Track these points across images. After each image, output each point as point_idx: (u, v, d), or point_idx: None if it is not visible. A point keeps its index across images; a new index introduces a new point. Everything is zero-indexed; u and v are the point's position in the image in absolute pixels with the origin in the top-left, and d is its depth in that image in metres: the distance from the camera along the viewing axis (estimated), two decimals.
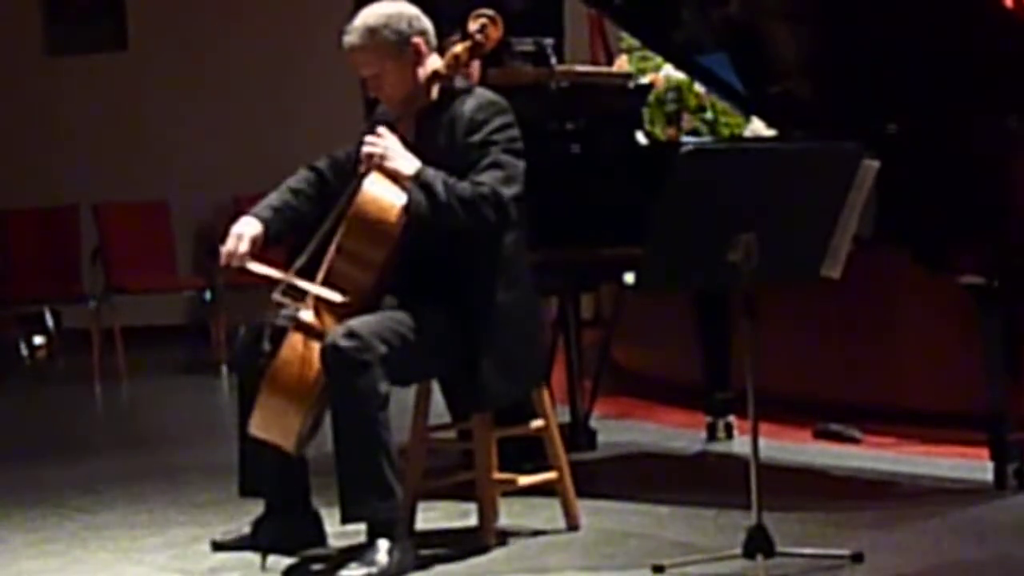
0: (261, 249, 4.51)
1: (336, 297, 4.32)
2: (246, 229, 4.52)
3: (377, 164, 4.42)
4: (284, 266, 4.42)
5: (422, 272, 4.47)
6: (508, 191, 4.40)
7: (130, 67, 10.87)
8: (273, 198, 4.63)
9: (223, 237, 4.54)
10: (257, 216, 4.56)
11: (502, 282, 4.49)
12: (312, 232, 4.49)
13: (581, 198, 5.36)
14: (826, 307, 6.27)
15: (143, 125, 10.81)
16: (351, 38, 4.51)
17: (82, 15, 11.08)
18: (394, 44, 4.49)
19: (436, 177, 4.36)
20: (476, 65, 5.35)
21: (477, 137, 4.45)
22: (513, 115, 4.52)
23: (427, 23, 4.55)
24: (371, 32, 4.49)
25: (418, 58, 4.51)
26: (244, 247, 4.49)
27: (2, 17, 10.89)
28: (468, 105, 4.51)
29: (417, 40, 4.51)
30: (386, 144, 4.44)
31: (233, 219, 4.59)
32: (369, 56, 4.50)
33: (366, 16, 4.52)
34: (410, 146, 4.48)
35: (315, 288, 4.35)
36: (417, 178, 4.37)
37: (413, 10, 4.55)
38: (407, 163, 4.41)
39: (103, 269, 9.53)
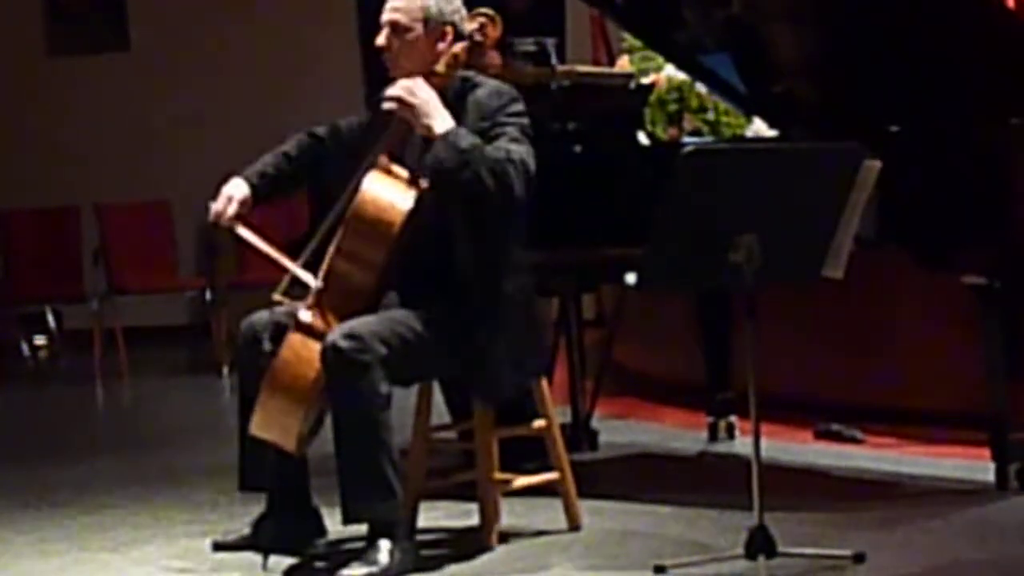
0: (249, 211, 4.61)
1: (311, 281, 4.34)
2: (235, 191, 4.61)
3: (409, 116, 4.39)
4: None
5: (426, 269, 4.47)
6: (532, 164, 4.41)
7: (132, 67, 10.87)
8: (266, 161, 4.71)
9: (214, 197, 4.62)
10: (247, 179, 4.64)
11: (506, 272, 4.49)
12: (313, 229, 4.50)
13: (583, 198, 5.36)
14: (828, 307, 6.26)
15: (144, 125, 10.81)
16: None
17: (84, 15, 11.08)
18: (432, 16, 4.50)
19: (467, 137, 4.34)
20: (494, 55, 5.35)
21: (491, 122, 4.44)
22: (523, 103, 4.52)
23: (463, 24, 4.54)
24: None
25: (441, 44, 4.51)
26: (233, 209, 4.58)
27: (4, 17, 10.90)
28: (480, 94, 4.50)
29: (448, 29, 4.51)
30: (424, 98, 4.41)
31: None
32: (404, 14, 4.50)
33: None
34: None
35: (292, 266, 4.39)
36: (447, 136, 4.35)
37: (459, 1, 4.58)
38: (440, 121, 4.37)
39: (104, 269, 9.53)
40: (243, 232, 4.56)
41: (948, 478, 5.18)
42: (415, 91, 4.40)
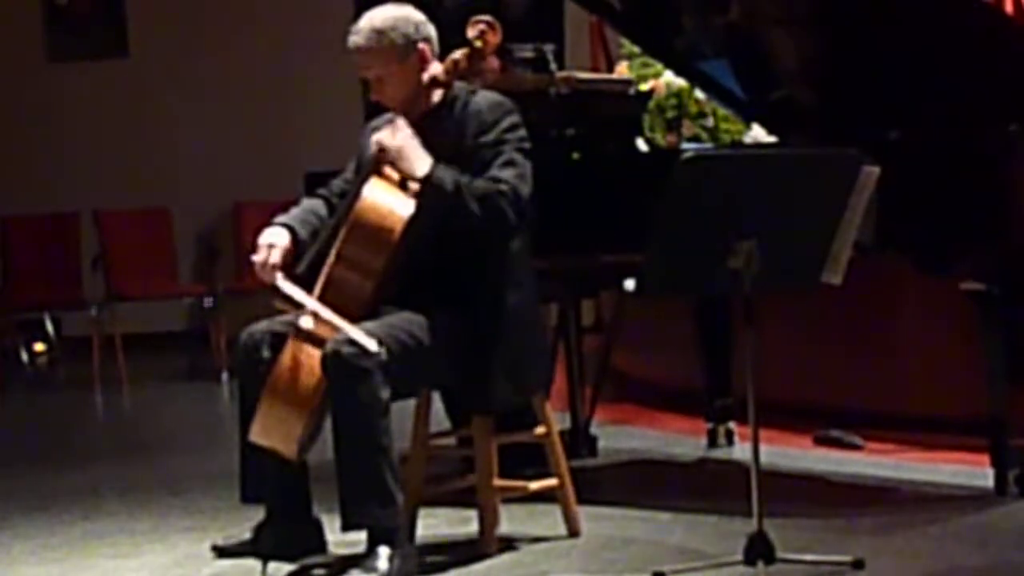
0: (289, 261, 4.42)
1: (372, 345, 4.20)
2: (277, 239, 4.45)
3: (389, 160, 4.41)
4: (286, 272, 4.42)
5: (430, 276, 4.46)
6: (526, 189, 4.40)
7: (131, 73, 10.88)
8: (295, 212, 4.57)
9: (253, 247, 4.44)
10: (285, 226, 4.49)
11: (510, 285, 4.49)
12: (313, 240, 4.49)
13: (582, 204, 5.36)
14: (827, 313, 6.27)
15: (144, 131, 10.81)
16: (357, 39, 4.50)
17: (83, 21, 11.08)
18: (400, 48, 4.48)
19: (449, 177, 4.34)
20: (493, 60, 5.35)
21: (489, 137, 4.44)
22: (520, 116, 4.52)
23: (432, 30, 4.54)
24: (378, 34, 4.48)
25: (422, 64, 4.51)
26: (276, 258, 4.41)
27: (3, 23, 10.90)
28: (476, 106, 4.50)
29: (423, 46, 4.50)
30: (401, 141, 4.40)
31: (234, 225, 4.58)
32: (374, 58, 4.49)
33: (372, 17, 4.51)
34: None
35: (348, 327, 4.23)
36: (429, 179, 4.35)
37: (420, 16, 4.55)
38: (420, 163, 4.37)
39: (104, 276, 9.53)
40: (285, 286, 4.30)
41: (947, 484, 5.18)
42: (392, 136, 4.39)
